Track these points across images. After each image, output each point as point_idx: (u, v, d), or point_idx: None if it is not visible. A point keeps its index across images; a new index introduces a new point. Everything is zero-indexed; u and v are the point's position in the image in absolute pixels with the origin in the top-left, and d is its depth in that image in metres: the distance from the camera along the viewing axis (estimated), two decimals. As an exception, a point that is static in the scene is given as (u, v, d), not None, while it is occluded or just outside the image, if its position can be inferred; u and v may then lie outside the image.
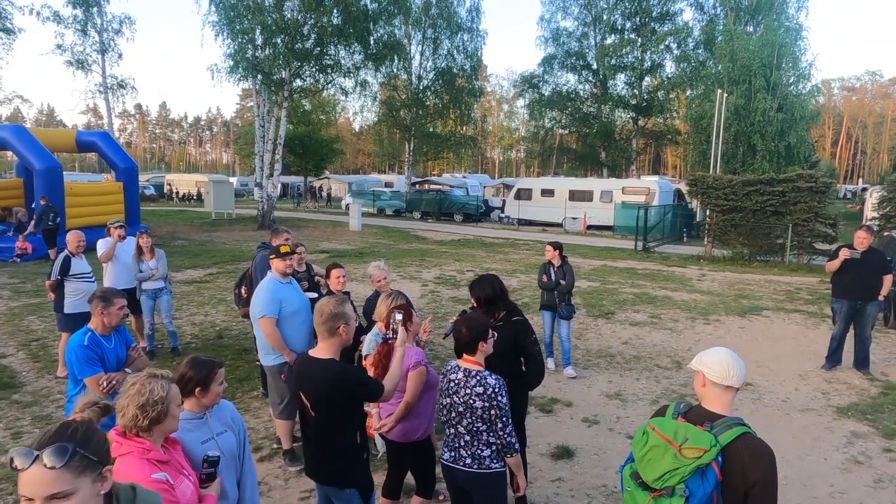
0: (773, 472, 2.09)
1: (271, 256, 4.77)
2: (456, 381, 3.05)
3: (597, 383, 6.76)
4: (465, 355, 3.09)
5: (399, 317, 3.29)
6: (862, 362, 7.17)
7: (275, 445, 5.03)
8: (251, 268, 5.92)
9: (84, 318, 3.80)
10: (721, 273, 14.91)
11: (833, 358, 7.32)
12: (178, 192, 43.54)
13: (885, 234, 13.07)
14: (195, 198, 41.36)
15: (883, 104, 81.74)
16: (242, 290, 5.95)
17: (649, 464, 2.12)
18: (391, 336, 3.29)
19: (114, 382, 3.54)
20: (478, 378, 2.97)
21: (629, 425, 5.61)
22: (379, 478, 3.99)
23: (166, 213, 30.01)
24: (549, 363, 7.05)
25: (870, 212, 21.00)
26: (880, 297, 6.95)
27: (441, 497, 4.20)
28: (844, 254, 6.84)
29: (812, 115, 26.49)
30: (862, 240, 6.87)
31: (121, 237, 7.11)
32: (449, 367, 3.15)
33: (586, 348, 8.10)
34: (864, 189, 41.13)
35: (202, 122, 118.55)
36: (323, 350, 2.92)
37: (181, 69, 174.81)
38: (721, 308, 10.64)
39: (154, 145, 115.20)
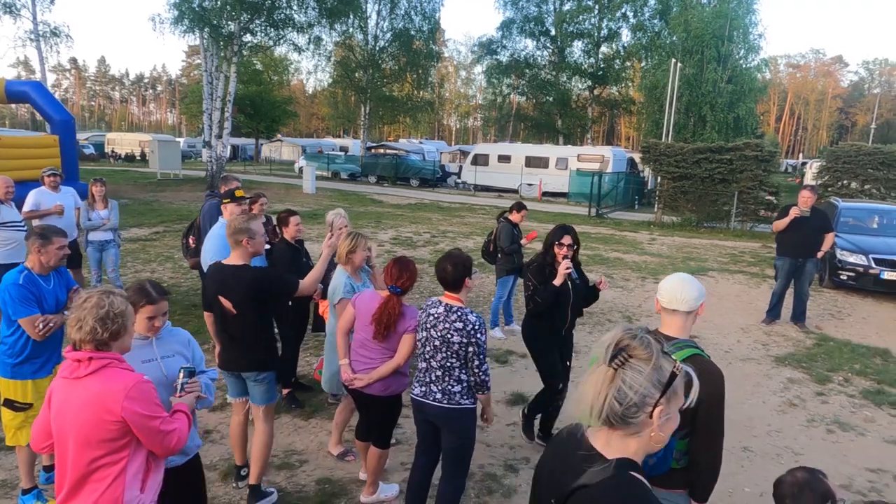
0: (720, 391, 2.15)
1: (225, 201, 4.57)
2: (435, 316, 3.02)
3: (551, 337, 6.88)
4: (447, 292, 3.06)
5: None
6: (799, 317, 7.56)
7: (227, 397, 4.92)
8: (199, 217, 5.68)
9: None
10: (670, 238, 15.36)
11: (773, 312, 7.68)
12: (119, 153, 41.40)
13: (823, 201, 13.72)
14: (138, 158, 39.48)
15: (825, 82, 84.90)
16: (190, 240, 5.72)
17: None
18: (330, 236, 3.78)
19: (51, 325, 3.35)
20: (458, 314, 2.96)
21: (580, 374, 5.72)
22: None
23: (108, 173, 28.54)
24: (516, 326, 7.01)
25: (810, 182, 21.99)
26: (819, 255, 7.28)
27: (350, 457, 4.08)
28: (795, 212, 7.12)
29: (760, 88, 27.28)
30: (806, 199, 7.16)
31: (53, 187, 6.72)
32: (430, 302, 3.12)
33: (541, 305, 8.21)
34: (804, 163, 42.96)
35: (145, 80, 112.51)
36: (235, 258, 3.38)
37: (121, 21, 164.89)
38: (669, 269, 10.97)
39: (93, 103, 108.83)
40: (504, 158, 27.21)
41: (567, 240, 3.98)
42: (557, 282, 3.88)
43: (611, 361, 1.28)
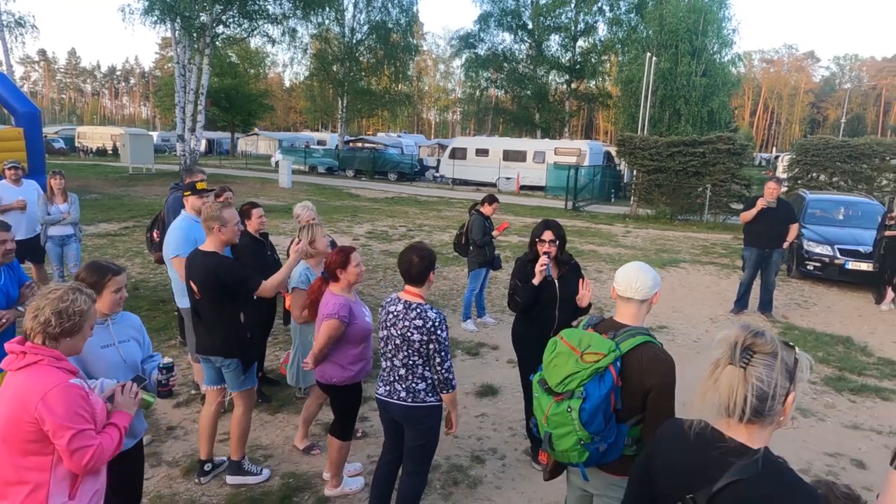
0: (670, 378, 2.17)
1: (186, 193, 4.50)
2: (395, 314, 2.94)
3: (523, 328, 6.90)
4: (408, 287, 2.97)
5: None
6: (766, 306, 7.70)
7: (192, 391, 4.86)
8: (163, 210, 5.58)
9: None
10: (645, 230, 15.53)
11: (741, 303, 7.82)
12: (90, 148, 40.48)
13: (792, 193, 13.98)
14: (110, 152, 38.65)
15: (797, 77, 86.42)
16: (154, 234, 5.62)
17: (554, 370, 2.17)
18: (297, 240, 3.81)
19: (3, 321, 3.27)
20: (418, 311, 2.88)
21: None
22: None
23: (78, 167, 27.92)
24: (488, 319, 7.08)
25: (780, 175, 22.37)
26: (785, 245, 7.42)
27: (316, 451, 4.06)
28: (762, 203, 7.24)
29: (733, 82, 27.62)
30: (772, 190, 7.28)
31: (14, 181, 6.53)
32: (389, 300, 3.04)
33: (514, 297, 8.24)
34: (777, 157, 43.74)
35: (118, 73, 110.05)
36: (207, 244, 3.49)
37: (91, 12, 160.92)
38: (642, 260, 11.05)
39: (63, 96, 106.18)
40: (482, 152, 27.23)
41: (547, 235, 3.68)
42: (535, 281, 3.70)
43: (740, 361, 1.39)
